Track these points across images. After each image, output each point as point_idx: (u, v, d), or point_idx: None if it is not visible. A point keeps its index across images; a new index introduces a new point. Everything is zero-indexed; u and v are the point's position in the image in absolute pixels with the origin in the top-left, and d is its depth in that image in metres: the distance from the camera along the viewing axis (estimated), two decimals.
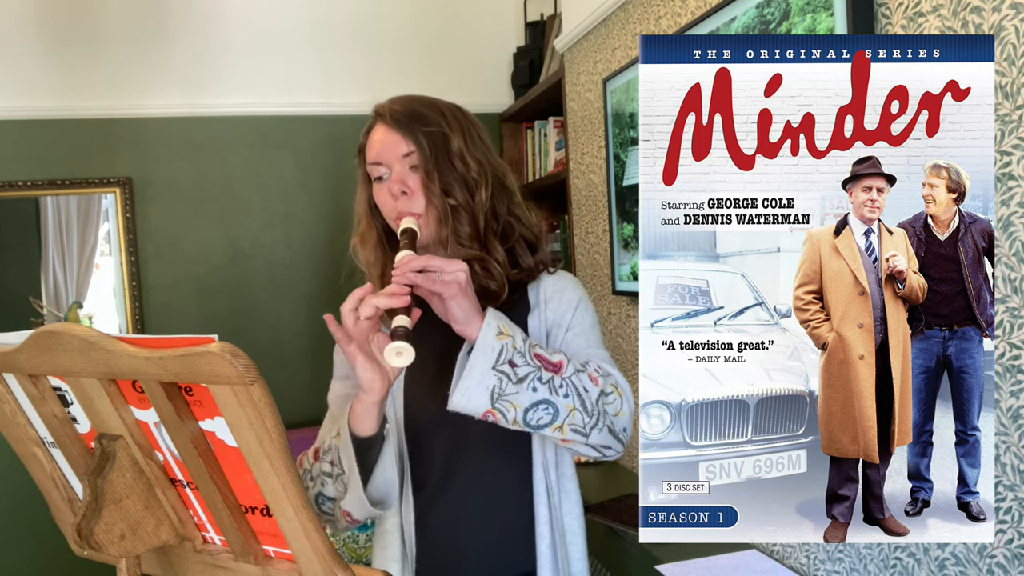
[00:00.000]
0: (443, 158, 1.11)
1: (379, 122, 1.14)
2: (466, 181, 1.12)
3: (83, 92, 3.07)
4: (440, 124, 1.12)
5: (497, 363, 0.97)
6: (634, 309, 2.33)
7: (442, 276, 0.98)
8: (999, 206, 1.12)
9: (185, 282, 3.20)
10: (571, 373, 1.01)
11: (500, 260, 1.14)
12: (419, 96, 1.18)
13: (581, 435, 1.01)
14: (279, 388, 3.20)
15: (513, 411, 0.98)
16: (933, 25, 1.22)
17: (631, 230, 2.20)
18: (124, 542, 0.77)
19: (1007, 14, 1.10)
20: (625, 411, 1.05)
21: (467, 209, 1.11)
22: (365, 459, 1.07)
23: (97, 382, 0.73)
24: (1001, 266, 1.13)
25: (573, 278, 1.23)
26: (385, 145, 1.12)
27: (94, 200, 3.11)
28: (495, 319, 1.00)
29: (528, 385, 0.98)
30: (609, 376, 1.05)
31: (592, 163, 2.57)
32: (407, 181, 1.11)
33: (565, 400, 0.99)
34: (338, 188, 3.32)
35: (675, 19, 1.99)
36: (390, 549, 1.16)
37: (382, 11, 3.37)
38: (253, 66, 3.24)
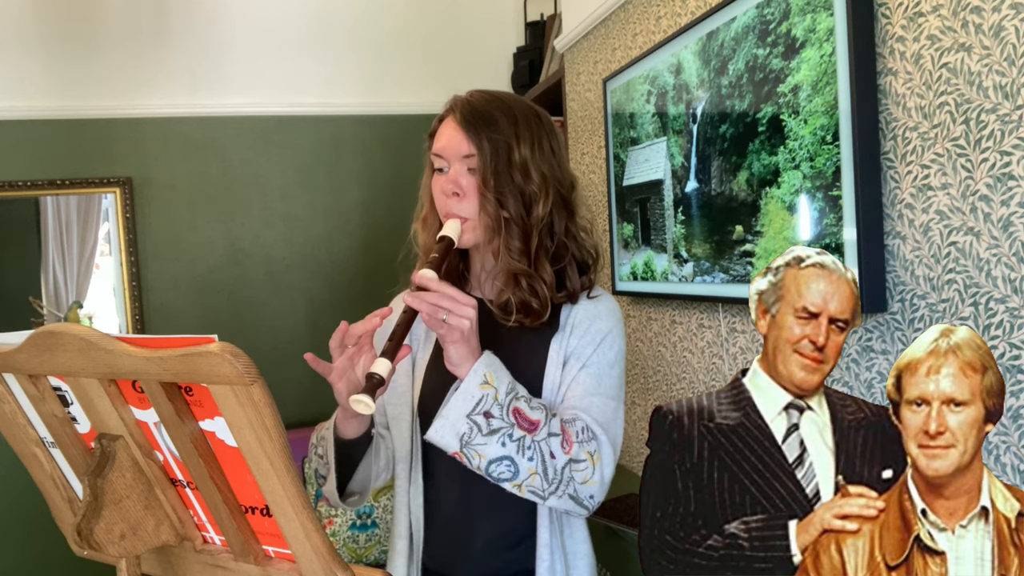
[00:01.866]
0: (503, 167, 1.09)
1: (450, 115, 1.13)
2: (523, 194, 1.10)
3: (83, 92, 3.07)
4: (508, 131, 1.10)
5: (473, 412, 0.99)
6: (634, 309, 2.33)
7: (449, 318, 0.98)
8: (999, 206, 1.12)
9: (185, 282, 3.20)
10: (544, 436, 1.02)
11: (547, 281, 1.12)
12: (498, 95, 1.15)
13: (539, 497, 1.03)
14: (279, 388, 3.19)
15: (478, 459, 1.00)
16: (933, 25, 1.22)
17: (631, 230, 2.20)
18: (124, 542, 0.77)
19: (1007, 14, 1.10)
20: (596, 480, 1.05)
21: (519, 223, 1.10)
22: (350, 456, 1.14)
23: (97, 382, 0.73)
24: (1001, 266, 1.13)
25: (611, 305, 1.19)
26: (449, 141, 1.11)
27: (94, 200, 3.10)
28: (484, 367, 1.01)
29: (497, 439, 0.99)
30: (590, 442, 1.06)
31: (592, 163, 2.57)
32: (461, 182, 1.09)
33: (529, 463, 1.01)
34: (338, 188, 3.32)
35: (675, 19, 1.99)
36: (399, 525, 1.22)
37: (382, 11, 3.37)
38: (253, 66, 3.24)
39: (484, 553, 1.18)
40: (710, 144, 1.77)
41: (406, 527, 1.21)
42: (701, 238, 1.83)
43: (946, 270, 1.22)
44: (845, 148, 1.35)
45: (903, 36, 1.28)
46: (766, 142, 1.56)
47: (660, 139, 2.00)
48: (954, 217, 1.20)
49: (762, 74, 1.56)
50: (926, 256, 1.25)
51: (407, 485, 1.20)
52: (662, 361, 2.17)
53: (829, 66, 1.37)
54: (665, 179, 1.99)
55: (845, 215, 1.35)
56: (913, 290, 1.28)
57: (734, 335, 1.80)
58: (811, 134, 1.43)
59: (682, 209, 1.91)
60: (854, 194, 1.33)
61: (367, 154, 3.33)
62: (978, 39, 1.14)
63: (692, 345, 2.00)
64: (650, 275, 2.10)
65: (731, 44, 1.67)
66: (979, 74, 1.14)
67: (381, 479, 1.23)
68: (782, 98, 1.51)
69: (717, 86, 1.73)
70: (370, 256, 3.35)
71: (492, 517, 1.17)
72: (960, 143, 1.18)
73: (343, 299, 3.33)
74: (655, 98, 2.02)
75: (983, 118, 1.14)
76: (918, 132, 1.26)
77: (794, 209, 1.49)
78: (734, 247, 1.70)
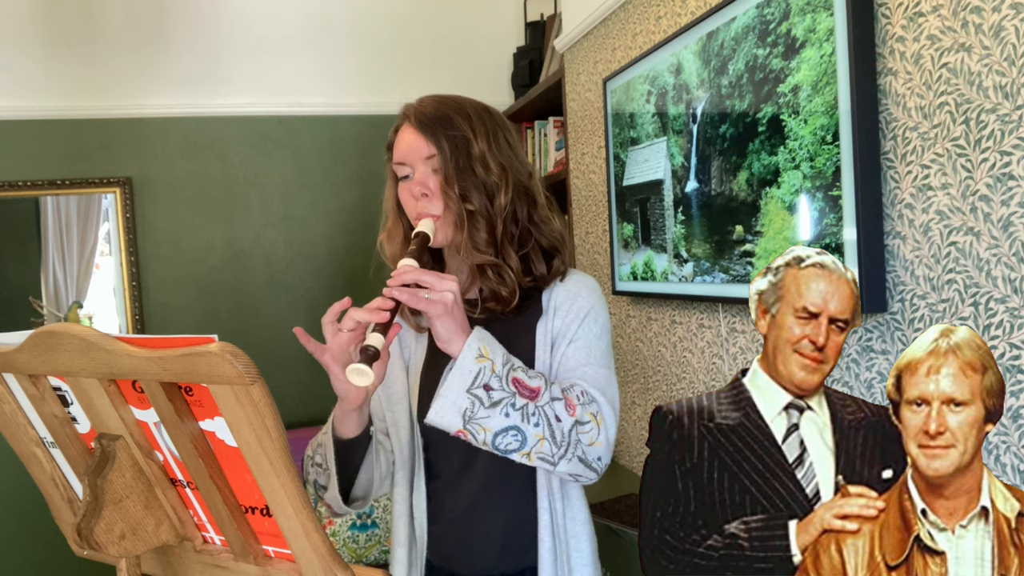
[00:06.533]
0: (464, 162, 1.11)
1: (406, 123, 1.15)
2: (485, 186, 1.12)
3: (83, 92, 3.07)
4: (464, 128, 1.12)
5: (472, 386, 0.99)
6: (634, 309, 2.33)
7: (430, 294, 0.99)
8: (999, 206, 1.12)
9: (185, 282, 3.20)
10: (546, 401, 1.02)
11: (514, 267, 1.14)
12: (447, 97, 1.17)
13: (549, 463, 1.03)
14: (279, 388, 3.20)
15: (483, 434, 1.00)
16: (933, 25, 1.22)
17: (631, 230, 2.20)
18: (124, 542, 0.77)
19: (1007, 14, 1.10)
20: (602, 441, 1.05)
21: (484, 214, 1.12)
22: (351, 458, 1.12)
23: (97, 382, 0.73)
24: (1001, 266, 1.13)
25: (590, 283, 1.21)
26: (410, 147, 1.13)
27: (94, 200, 3.10)
28: (477, 340, 1.01)
29: (500, 410, 0.99)
30: (591, 404, 1.06)
31: (592, 163, 2.57)
32: (428, 183, 1.11)
33: (535, 429, 1.00)
34: (338, 188, 3.32)
35: (675, 19, 1.99)
36: (398, 534, 1.20)
37: (382, 11, 3.37)
38: (253, 66, 3.24)
39: (490, 547, 1.18)
40: (710, 144, 1.77)
41: (405, 535, 1.20)
42: (701, 238, 1.83)
43: (946, 270, 1.22)
44: (845, 148, 1.35)
45: (903, 36, 1.28)
46: (766, 142, 1.56)
47: (660, 139, 2.00)
48: (954, 217, 1.20)
49: (762, 74, 1.56)
50: (926, 256, 1.25)
51: (407, 492, 1.19)
52: (662, 361, 2.17)
53: (829, 66, 1.37)
54: (665, 179, 1.99)
55: (845, 215, 1.35)
56: (913, 290, 1.28)
57: (734, 335, 1.80)
58: (811, 134, 1.43)
59: (682, 209, 1.91)
60: (854, 194, 1.33)
61: (367, 154, 3.33)
62: (978, 39, 1.14)
63: (692, 345, 2.00)
64: (650, 275, 2.10)
65: (731, 44, 1.67)
66: (979, 74, 1.14)
67: (385, 485, 1.22)
68: (782, 98, 1.51)
69: (717, 86, 1.73)
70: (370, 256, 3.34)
71: (494, 510, 1.17)
72: (960, 143, 1.18)
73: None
74: (655, 98, 2.02)
75: (983, 118, 1.14)
76: (918, 132, 1.26)
77: (794, 209, 1.49)
78: (734, 247, 1.70)
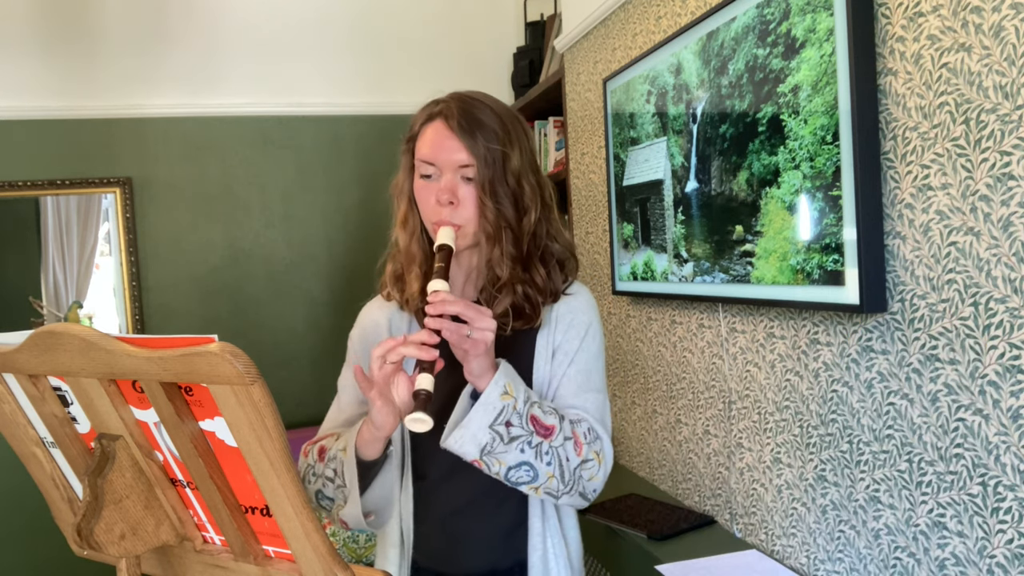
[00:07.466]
0: (500, 177, 1.08)
1: (441, 121, 1.10)
2: (518, 202, 1.11)
3: (83, 92, 3.07)
4: (503, 139, 1.09)
5: (495, 422, 1.00)
6: (634, 309, 2.33)
7: (472, 332, 0.99)
8: (999, 206, 1.12)
9: (185, 282, 3.20)
10: (560, 442, 1.05)
11: (540, 285, 1.14)
12: (481, 98, 1.13)
13: (552, 497, 1.07)
14: (279, 388, 3.20)
15: (498, 466, 1.02)
16: (933, 25, 1.22)
17: (631, 230, 2.20)
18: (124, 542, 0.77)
19: (1007, 14, 1.09)
20: (599, 476, 1.10)
21: (515, 230, 1.11)
22: (366, 474, 1.11)
23: (97, 382, 0.73)
24: (1001, 266, 1.13)
25: (587, 298, 1.21)
26: (444, 149, 1.08)
27: (94, 200, 3.11)
28: (504, 377, 1.02)
29: (517, 447, 1.02)
30: (596, 441, 1.09)
31: (592, 163, 2.57)
32: (457, 192, 1.08)
33: (547, 468, 1.04)
34: (338, 188, 3.32)
35: (675, 19, 1.99)
36: (390, 536, 1.20)
37: (382, 11, 3.37)
38: (253, 66, 3.24)
39: (480, 548, 1.19)
40: (710, 144, 1.77)
41: (398, 535, 1.19)
42: (701, 238, 1.83)
43: (946, 270, 1.22)
44: (845, 148, 1.35)
45: (903, 36, 1.28)
46: (766, 142, 1.56)
47: (660, 139, 2.00)
48: (954, 217, 1.20)
49: (762, 74, 1.56)
50: (926, 256, 1.25)
51: (397, 492, 1.19)
52: (662, 361, 2.17)
53: (829, 66, 1.37)
54: (665, 179, 1.99)
55: (845, 215, 1.35)
56: (913, 290, 1.28)
57: (734, 335, 1.80)
58: (811, 134, 1.43)
59: (682, 209, 1.91)
60: (854, 194, 1.33)
61: (367, 154, 3.33)
62: (978, 39, 1.14)
63: (692, 345, 2.00)
64: (650, 275, 2.10)
65: (731, 44, 1.67)
66: (979, 74, 1.14)
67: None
68: (782, 98, 1.51)
69: (717, 86, 1.73)
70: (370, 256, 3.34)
71: (486, 512, 1.18)
72: (960, 143, 1.18)
73: (343, 299, 3.33)
74: (655, 98, 2.02)
75: (983, 118, 1.14)
76: (918, 132, 1.26)
77: (794, 209, 1.49)
78: (734, 247, 1.70)
